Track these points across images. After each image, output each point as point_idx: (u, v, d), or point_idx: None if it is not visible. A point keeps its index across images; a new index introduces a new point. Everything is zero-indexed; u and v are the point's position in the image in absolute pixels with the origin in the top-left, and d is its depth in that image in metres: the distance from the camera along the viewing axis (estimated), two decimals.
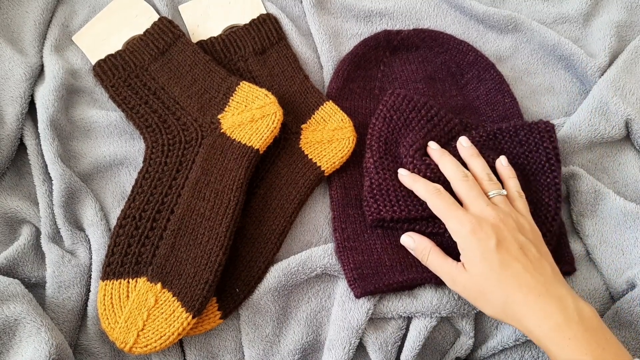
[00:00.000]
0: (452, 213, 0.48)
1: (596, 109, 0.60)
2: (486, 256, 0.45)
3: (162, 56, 0.60)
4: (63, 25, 0.64)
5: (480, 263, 0.45)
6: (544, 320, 0.42)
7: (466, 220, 0.47)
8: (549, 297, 0.43)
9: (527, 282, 0.44)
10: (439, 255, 0.49)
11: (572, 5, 0.68)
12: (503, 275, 0.44)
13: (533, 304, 0.43)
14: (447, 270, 0.48)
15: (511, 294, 0.44)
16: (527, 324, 0.43)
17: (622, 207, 0.56)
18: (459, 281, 0.47)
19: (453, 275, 0.47)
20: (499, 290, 0.44)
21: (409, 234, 0.52)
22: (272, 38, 0.63)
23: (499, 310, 0.45)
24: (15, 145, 0.57)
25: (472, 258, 0.46)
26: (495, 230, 0.46)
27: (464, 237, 0.47)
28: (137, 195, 0.54)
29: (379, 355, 0.51)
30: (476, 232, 0.46)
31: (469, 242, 0.46)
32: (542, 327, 0.42)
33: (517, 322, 0.44)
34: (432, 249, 0.49)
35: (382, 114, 0.57)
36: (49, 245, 0.53)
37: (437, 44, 0.64)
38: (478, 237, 0.46)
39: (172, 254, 0.50)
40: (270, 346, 0.52)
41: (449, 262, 0.48)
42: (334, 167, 0.57)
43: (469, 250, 0.46)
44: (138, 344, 0.47)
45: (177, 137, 0.57)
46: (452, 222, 0.48)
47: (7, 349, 0.46)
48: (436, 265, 0.49)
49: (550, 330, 0.42)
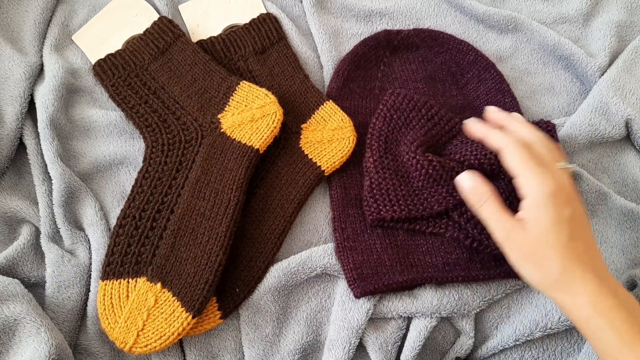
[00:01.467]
0: (534, 168, 0.44)
1: (596, 109, 0.60)
2: (558, 223, 0.43)
3: (162, 56, 0.60)
4: (63, 24, 0.64)
5: (550, 227, 0.43)
6: (600, 300, 0.41)
7: (550, 181, 0.44)
8: (605, 280, 0.42)
9: (587, 261, 0.42)
10: (497, 205, 0.45)
11: (572, 5, 0.69)
12: (568, 247, 0.42)
13: (590, 282, 0.41)
14: (503, 223, 0.45)
15: (570, 266, 0.42)
16: (580, 300, 0.41)
17: (623, 207, 0.56)
18: (513, 238, 0.44)
19: (508, 229, 0.44)
20: (558, 260, 0.42)
21: (471, 172, 0.48)
22: (272, 38, 0.63)
23: (550, 280, 0.43)
24: (15, 144, 0.57)
25: (542, 220, 0.43)
26: (571, 202, 0.44)
27: (542, 196, 0.43)
28: (137, 195, 0.54)
29: (379, 355, 0.51)
30: (555, 196, 0.43)
31: (545, 203, 0.43)
32: (597, 305, 0.41)
33: (567, 297, 0.42)
34: (491, 197, 0.46)
35: (383, 113, 0.57)
36: (48, 245, 0.53)
37: (437, 43, 0.64)
38: (556, 202, 0.43)
39: (172, 254, 0.50)
40: (270, 346, 0.51)
41: (507, 215, 0.45)
42: (334, 167, 0.57)
43: (543, 211, 0.43)
44: (138, 344, 0.47)
45: (177, 137, 0.57)
46: (532, 176, 0.44)
47: (6, 349, 0.46)
48: (490, 214, 0.46)
49: (605, 309, 0.40)
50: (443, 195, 0.53)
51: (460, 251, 0.54)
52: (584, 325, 0.42)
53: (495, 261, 0.53)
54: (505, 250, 0.45)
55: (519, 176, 0.45)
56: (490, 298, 0.53)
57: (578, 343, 0.52)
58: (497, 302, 0.54)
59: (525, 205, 0.44)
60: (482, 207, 0.46)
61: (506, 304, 0.54)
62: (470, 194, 0.48)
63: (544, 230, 0.43)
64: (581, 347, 0.52)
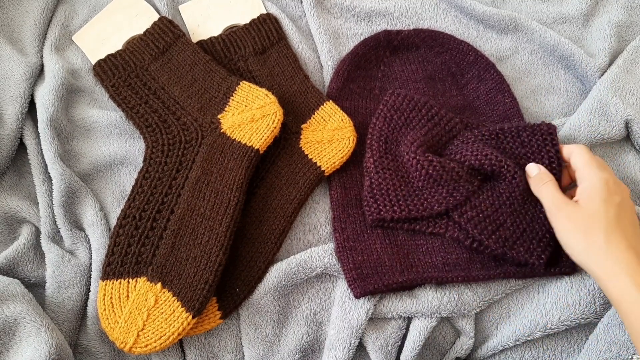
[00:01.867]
0: (594, 164, 0.50)
1: (596, 109, 0.60)
2: (608, 204, 0.47)
3: (162, 56, 0.60)
4: (63, 24, 0.64)
5: (600, 203, 0.47)
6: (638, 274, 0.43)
7: (606, 173, 0.49)
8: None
9: (630, 241, 0.45)
10: (555, 186, 0.50)
11: (572, 5, 0.69)
12: (614, 224, 0.46)
13: (631, 257, 0.44)
14: (558, 198, 0.49)
15: (614, 240, 0.45)
16: (619, 271, 0.44)
17: None
18: (566, 210, 0.48)
19: (563, 203, 0.49)
20: (604, 232, 0.46)
21: (537, 165, 0.53)
22: (272, 38, 0.63)
23: (593, 249, 0.46)
24: (15, 145, 0.57)
25: (594, 197, 0.47)
26: (624, 194, 0.49)
27: (597, 181, 0.48)
28: (137, 195, 0.54)
29: (379, 355, 0.51)
30: (609, 183, 0.48)
31: (600, 185, 0.48)
32: (635, 277, 0.43)
33: (607, 267, 0.45)
34: (552, 181, 0.51)
35: (383, 113, 0.57)
36: (48, 245, 0.53)
37: (437, 43, 0.64)
38: (609, 187, 0.48)
39: (172, 254, 0.50)
40: (270, 346, 0.51)
41: (562, 195, 0.50)
42: (334, 167, 0.57)
43: (596, 191, 0.48)
44: (138, 344, 0.47)
45: (177, 137, 0.57)
46: (591, 169, 0.49)
47: (7, 348, 0.46)
48: (547, 192, 0.50)
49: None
50: (443, 196, 0.53)
51: (460, 251, 0.54)
52: (619, 297, 0.44)
53: (495, 261, 0.53)
54: (554, 221, 0.49)
55: (582, 169, 0.50)
56: (490, 298, 0.53)
57: (578, 343, 0.52)
58: (497, 302, 0.54)
59: (580, 189, 0.49)
60: (542, 186, 0.51)
61: (506, 304, 0.54)
62: (535, 178, 0.52)
63: (595, 206, 0.47)
64: (581, 347, 0.52)
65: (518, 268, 0.52)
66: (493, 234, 0.52)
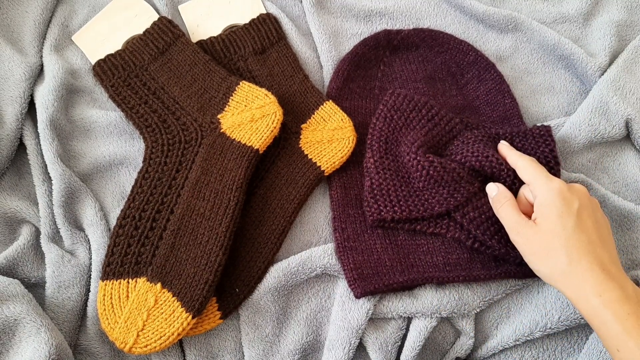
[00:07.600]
0: (542, 176, 0.49)
1: (596, 108, 0.60)
2: (564, 216, 0.45)
3: (161, 56, 0.60)
4: (63, 25, 0.64)
5: (555, 220, 0.45)
6: (607, 291, 0.42)
7: (555, 183, 0.48)
8: (612, 274, 0.43)
9: (594, 253, 0.44)
10: (513, 208, 0.49)
11: (572, 5, 0.68)
12: (574, 239, 0.44)
13: (597, 274, 0.43)
14: (516, 221, 0.48)
15: (576, 258, 0.44)
16: (586, 291, 0.43)
17: (622, 208, 0.56)
18: (524, 233, 0.47)
19: (520, 226, 0.47)
20: (564, 251, 0.44)
21: (496, 184, 0.52)
22: (272, 38, 0.63)
23: (557, 272, 0.44)
24: (15, 145, 0.57)
25: (549, 214, 0.46)
26: (581, 198, 0.47)
27: (548, 194, 0.47)
28: (137, 195, 0.54)
29: (379, 355, 0.51)
30: (563, 192, 0.47)
31: (552, 198, 0.46)
32: (603, 296, 0.42)
33: (574, 288, 0.43)
34: (509, 201, 0.50)
35: (383, 113, 0.57)
36: (48, 245, 0.53)
37: (437, 43, 0.64)
38: (563, 196, 0.46)
39: (172, 254, 0.50)
40: (270, 346, 0.51)
41: (521, 216, 0.48)
42: (334, 167, 0.57)
43: (549, 205, 0.46)
44: (138, 344, 0.47)
45: (176, 137, 0.57)
46: (542, 179, 0.48)
47: (6, 349, 0.46)
48: (506, 214, 0.49)
49: (612, 301, 0.41)
50: (444, 197, 0.53)
51: (460, 251, 0.54)
52: (591, 317, 0.43)
53: (496, 261, 0.53)
54: (516, 244, 0.48)
55: (531, 184, 0.49)
56: (490, 298, 0.53)
57: (578, 343, 0.52)
58: (497, 302, 0.54)
59: (536, 205, 0.48)
60: (501, 207, 0.50)
61: (506, 304, 0.54)
62: (494, 198, 0.51)
63: (550, 224, 0.46)
64: (581, 347, 0.52)
65: (518, 268, 0.52)
66: (495, 234, 0.52)
